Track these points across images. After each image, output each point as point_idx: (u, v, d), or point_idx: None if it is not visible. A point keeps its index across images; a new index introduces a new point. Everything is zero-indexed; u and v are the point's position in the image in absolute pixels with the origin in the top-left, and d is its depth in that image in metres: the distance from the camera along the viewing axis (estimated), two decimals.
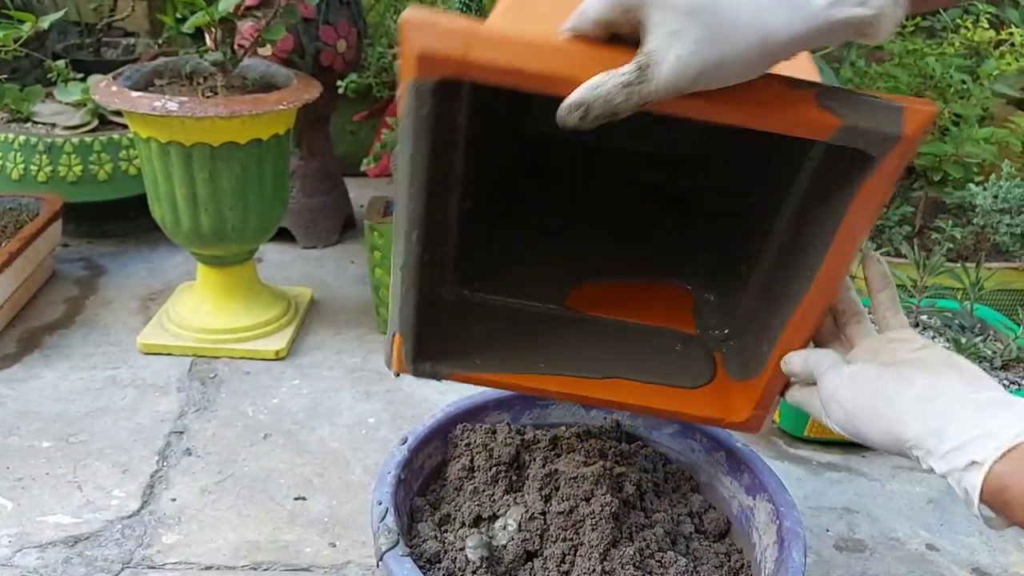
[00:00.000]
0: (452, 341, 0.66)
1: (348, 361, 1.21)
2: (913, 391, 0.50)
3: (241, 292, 1.23)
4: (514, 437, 0.77)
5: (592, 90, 0.45)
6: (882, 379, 0.52)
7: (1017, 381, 1.07)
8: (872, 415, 0.51)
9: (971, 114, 1.34)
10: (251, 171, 1.12)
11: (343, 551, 0.87)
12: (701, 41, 0.43)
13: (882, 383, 0.51)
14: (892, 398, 0.50)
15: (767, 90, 0.47)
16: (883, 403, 0.51)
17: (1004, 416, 0.46)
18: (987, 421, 0.46)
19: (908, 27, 1.38)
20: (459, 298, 0.70)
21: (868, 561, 0.90)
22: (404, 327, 0.62)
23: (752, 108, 0.47)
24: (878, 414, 0.51)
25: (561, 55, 0.47)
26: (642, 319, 0.71)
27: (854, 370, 0.54)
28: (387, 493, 0.68)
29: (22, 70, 1.65)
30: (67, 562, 0.83)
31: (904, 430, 0.49)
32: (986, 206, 1.28)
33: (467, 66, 0.47)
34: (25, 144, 1.37)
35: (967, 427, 0.47)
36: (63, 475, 0.95)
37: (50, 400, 1.08)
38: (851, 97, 0.48)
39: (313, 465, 0.99)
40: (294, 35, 1.36)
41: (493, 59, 0.47)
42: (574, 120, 0.46)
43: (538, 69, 0.47)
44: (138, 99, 1.05)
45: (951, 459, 0.47)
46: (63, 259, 1.45)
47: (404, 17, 0.47)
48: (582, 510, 0.67)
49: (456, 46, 0.47)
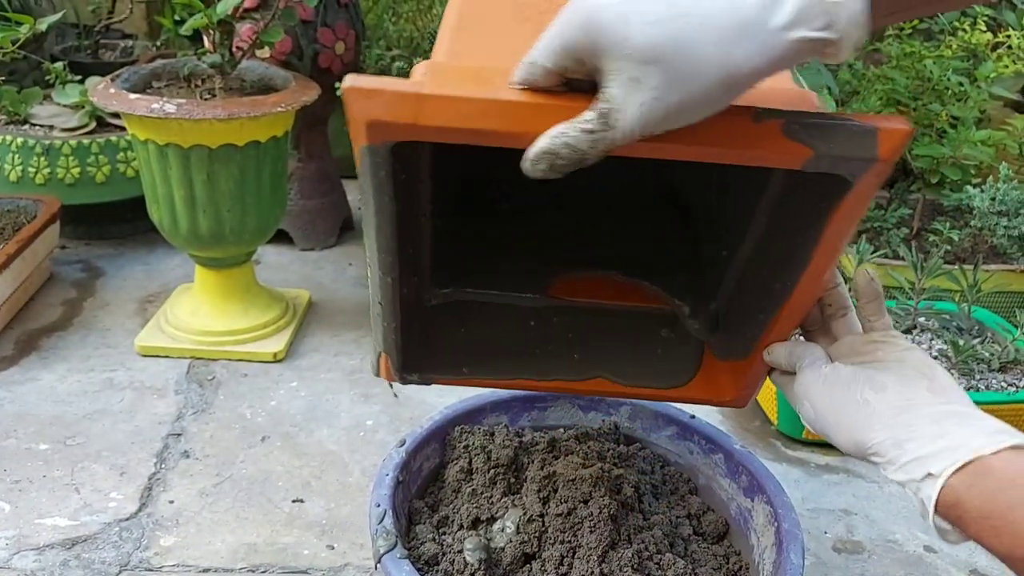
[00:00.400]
0: (438, 346, 0.65)
1: (346, 363, 1.21)
2: (882, 399, 0.51)
3: (239, 294, 1.23)
4: (512, 439, 0.77)
5: (556, 139, 0.44)
6: (855, 384, 0.52)
7: (1015, 383, 1.07)
8: (840, 419, 0.52)
9: (968, 116, 1.34)
10: (249, 173, 1.12)
11: (341, 553, 0.87)
12: (663, 86, 0.41)
13: (854, 388, 0.52)
14: (860, 405, 0.51)
15: (732, 125, 0.45)
16: (852, 409, 0.52)
17: (965, 431, 0.47)
18: (948, 435, 0.47)
19: (906, 29, 1.39)
20: (440, 299, 0.69)
21: (866, 563, 0.90)
22: (388, 347, 0.61)
23: (718, 146, 0.46)
24: (846, 419, 0.52)
25: (521, 111, 0.46)
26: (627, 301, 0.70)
27: (830, 372, 0.54)
28: (385, 495, 0.68)
29: (20, 72, 1.65)
30: (64, 565, 0.83)
31: (868, 437, 0.50)
32: (983, 208, 1.28)
33: (419, 130, 0.46)
34: (23, 146, 1.37)
35: (928, 440, 0.48)
36: (60, 477, 0.95)
37: (48, 402, 1.08)
38: (821, 123, 0.46)
39: (311, 467, 0.99)
40: (292, 37, 1.36)
41: (447, 123, 0.46)
42: (542, 170, 0.45)
43: (494, 127, 0.46)
44: (136, 101, 1.05)
45: (909, 470, 0.48)
46: (61, 261, 1.44)
47: (347, 84, 0.46)
48: (580, 512, 0.67)
49: (406, 113, 0.45)
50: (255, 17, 1.17)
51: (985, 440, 0.46)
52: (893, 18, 0.47)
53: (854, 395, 0.52)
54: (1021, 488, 0.44)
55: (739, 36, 0.41)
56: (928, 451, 0.47)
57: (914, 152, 1.33)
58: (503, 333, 0.68)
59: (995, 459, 0.45)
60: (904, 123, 0.46)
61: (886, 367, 0.53)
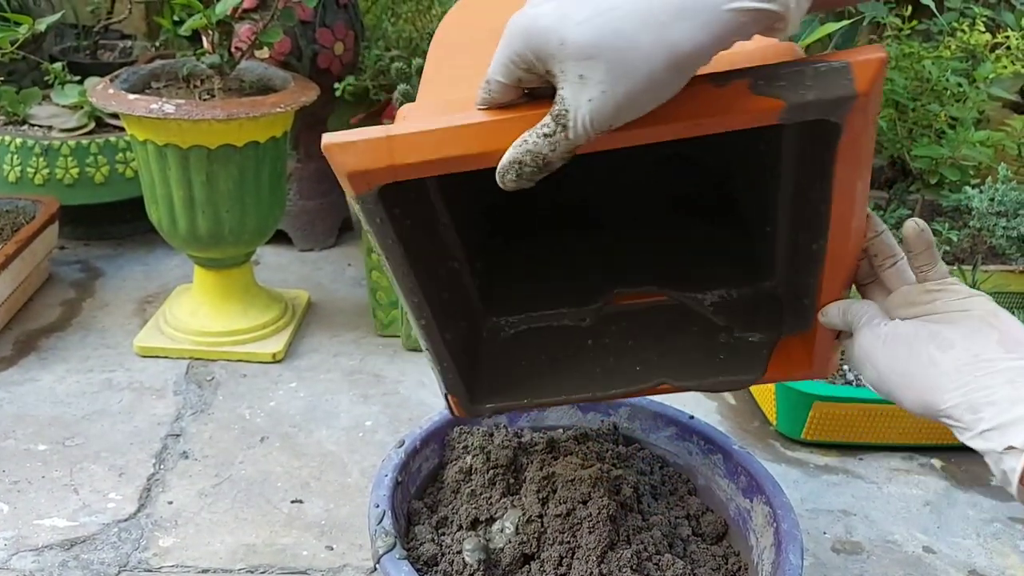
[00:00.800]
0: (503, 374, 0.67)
1: (345, 364, 1.21)
2: (950, 358, 0.48)
3: (238, 295, 1.23)
4: (511, 440, 0.77)
5: (518, 148, 0.45)
6: (918, 341, 0.50)
7: None
8: (907, 381, 0.50)
9: (967, 117, 1.34)
10: (248, 174, 1.11)
11: (340, 554, 0.87)
12: (608, 80, 0.42)
13: (918, 346, 0.50)
14: (927, 365, 0.49)
15: (696, 96, 0.45)
16: (918, 369, 0.49)
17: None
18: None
19: (904, 30, 1.39)
20: (494, 325, 0.70)
21: (865, 563, 0.90)
22: (449, 386, 0.63)
23: (686, 120, 0.46)
24: (913, 380, 0.49)
25: (482, 131, 0.47)
26: None
27: (889, 331, 0.52)
28: (384, 496, 0.68)
29: (19, 72, 1.65)
30: (63, 565, 0.83)
31: (939, 399, 0.48)
32: (982, 209, 1.28)
33: (397, 171, 0.48)
34: (22, 146, 1.37)
35: (1008, 404, 0.45)
36: (59, 478, 0.95)
37: (46, 403, 1.08)
38: (790, 72, 0.45)
39: (310, 468, 0.99)
40: (291, 38, 1.36)
41: (419, 157, 0.47)
42: (512, 180, 0.46)
43: (464, 152, 0.47)
44: (135, 101, 1.05)
45: (989, 439, 0.45)
46: (59, 262, 1.44)
47: (325, 142, 0.48)
48: (579, 513, 0.67)
49: (380, 157, 0.48)
50: (254, 18, 1.17)
51: None
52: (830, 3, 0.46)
53: (918, 354, 0.49)
54: None
55: (675, 18, 0.41)
56: (1008, 418, 0.44)
57: (913, 153, 1.34)
58: (561, 352, 0.68)
59: None
60: (880, 50, 0.45)
61: (948, 319, 0.50)
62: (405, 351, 1.24)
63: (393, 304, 1.25)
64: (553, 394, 0.66)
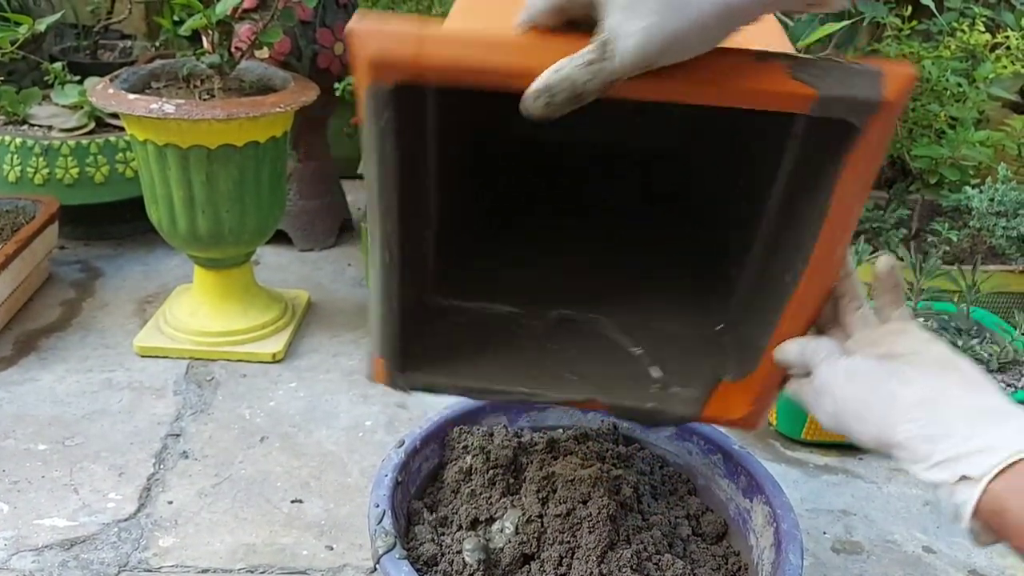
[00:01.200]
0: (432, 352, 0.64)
1: (345, 364, 1.21)
2: (910, 392, 0.47)
3: (238, 295, 1.23)
4: (511, 440, 0.77)
5: (555, 73, 0.44)
6: (879, 375, 0.49)
7: (1013, 384, 1.07)
8: (864, 414, 0.49)
9: (967, 117, 1.34)
10: (248, 174, 1.11)
11: (340, 554, 0.87)
12: (659, 13, 0.41)
13: (879, 379, 0.49)
14: (886, 398, 0.48)
15: (736, 66, 0.45)
16: (877, 402, 0.48)
17: (1003, 430, 0.44)
18: (985, 433, 0.44)
19: (904, 31, 1.39)
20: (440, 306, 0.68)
21: (865, 563, 0.90)
22: (386, 350, 0.60)
23: (722, 86, 0.45)
24: (871, 413, 0.48)
25: (517, 47, 0.46)
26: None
27: (851, 363, 0.51)
28: (384, 496, 0.68)
29: (19, 72, 1.65)
30: (63, 565, 0.83)
31: (896, 430, 0.47)
32: (982, 209, 1.28)
33: (421, 68, 0.46)
34: (22, 146, 1.37)
35: (962, 439, 0.44)
36: (59, 478, 0.95)
37: (46, 403, 1.08)
38: (826, 66, 0.45)
39: (310, 468, 0.99)
40: (291, 38, 1.36)
41: (447, 59, 0.45)
42: (540, 107, 0.44)
43: (495, 64, 0.45)
44: (135, 101, 1.05)
45: (942, 469, 0.44)
46: (59, 261, 1.44)
47: (352, 25, 0.46)
48: (579, 513, 0.67)
49: (408, 48, 0.45)
50: (254, 18, 1.17)
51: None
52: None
53: (879, 388, 0.48)
54: None
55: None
56: (963, 451, 0.43)
57: (913, 153, 1.34)
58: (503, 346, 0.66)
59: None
60: (909, 67, 0.46)
61: (910, 359, 0.50)
62: None
63: None
64: (481, 382, 0.63)
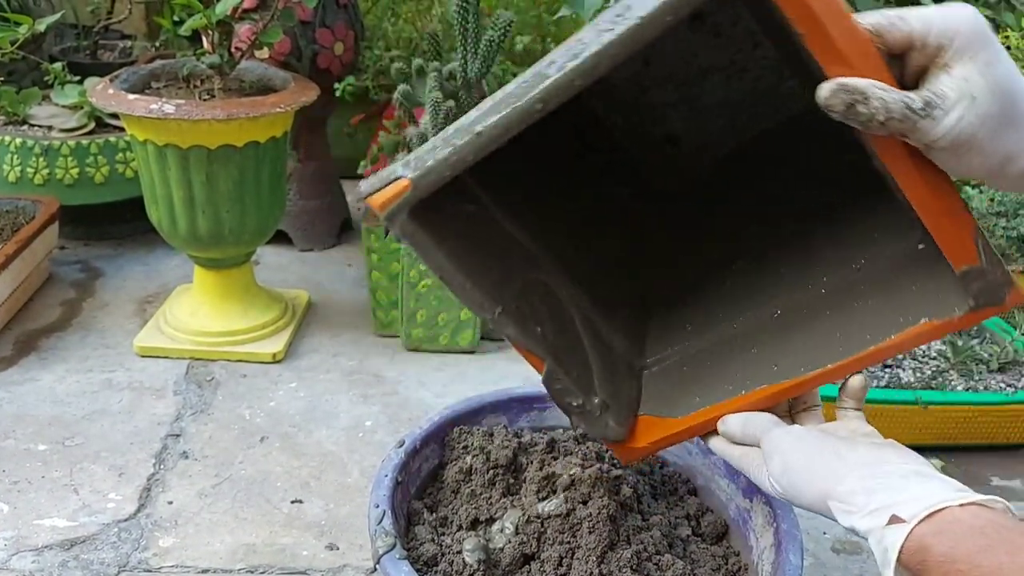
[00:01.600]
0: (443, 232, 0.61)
1: (345, 364, 1.21)
2: (855, 454, 0.52)
3: (238, 295, 1.23)
4: (511, 440, 0.77)
5: (876, 89, 0.44)
6: (825, 440, 0.54)
7: (1013, 383, 1.07)
8: (810, 472, 0.52)
9: None
10: (248, 174, 1.12)
11: (340, 554, 0.87)
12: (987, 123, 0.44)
13: (825, 443, 0.53)
14: (832, 457, 0.52)
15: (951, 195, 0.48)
16: (822, 461, 0.52)
17: (933, 486, 0.47)
18: (916, 487, 0.47)
19: None
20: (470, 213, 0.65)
21: (865, 563, 0.90)
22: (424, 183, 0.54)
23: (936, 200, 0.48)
24: (816, 471, 0.52)
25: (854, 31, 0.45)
26: None
27: (797, 429, 0.56)
28: (384, 496, 0.68)
29: (19, 72, 1.65)
30: (63, 565, 0.83)
31: (838, 484, 0.50)
32: (982, 209, 1.28)
33: None
34: (22, 146, 1.37)
35: (897, 491, 0.48)
36: (59, 478, 0.95)
37: (46, 403, 1.08)
38: (990, 248, 0.50)
39: (310, 468, 0.99)
40: (291, 38, 1.36)
41: None
42: (839, 102, 0.44)
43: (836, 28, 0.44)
44: (135, 102, 1.05)
45: (875, 516, 0.47)
46: (59, 262, 1.44)
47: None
48: (579, 513, 0.67)
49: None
50: (254, 18, 1.17)
51: (954, 494, 0.46)
52: None
53: (825, 449, 0.52)
54: (990, 536, 0.43)
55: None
56: (897, 499, 0.47)
57: None
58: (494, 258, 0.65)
59: (963, 511, 0.45)
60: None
61: (853, 435, 0.56)
62: (405, 351, 1.24)
63: (393, 304, 1.25)
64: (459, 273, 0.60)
